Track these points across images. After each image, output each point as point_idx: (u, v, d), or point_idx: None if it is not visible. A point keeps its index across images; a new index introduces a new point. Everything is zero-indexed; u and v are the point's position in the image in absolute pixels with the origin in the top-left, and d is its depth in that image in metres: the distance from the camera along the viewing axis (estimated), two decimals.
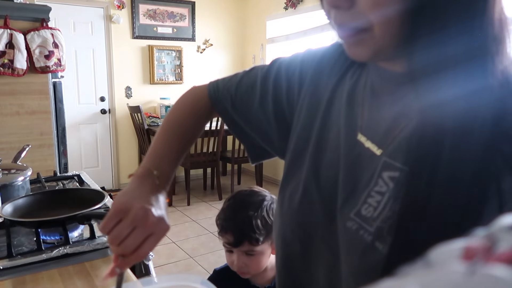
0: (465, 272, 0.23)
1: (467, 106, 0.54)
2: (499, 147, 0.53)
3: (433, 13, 0.55)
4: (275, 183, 6.36)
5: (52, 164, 3.07)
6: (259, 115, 0.96)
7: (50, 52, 2.96)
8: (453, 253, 0.26)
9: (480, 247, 0.25)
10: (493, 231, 0.26)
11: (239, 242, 1.50)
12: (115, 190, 6.17)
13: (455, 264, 0.24)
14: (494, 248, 0.24)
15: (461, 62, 0.55)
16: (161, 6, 6.35)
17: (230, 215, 1.54)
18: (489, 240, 0.25)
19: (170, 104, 6.28)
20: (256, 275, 1.59)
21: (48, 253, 1.33)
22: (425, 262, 0.27)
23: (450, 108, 0.55)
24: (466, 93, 0.54)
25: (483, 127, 0.54)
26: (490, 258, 0.23)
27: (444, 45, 0.55)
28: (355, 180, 0.73)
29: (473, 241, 0.26)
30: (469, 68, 0.55)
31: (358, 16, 0.61)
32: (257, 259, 1.53)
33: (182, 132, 1.02)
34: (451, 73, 0.55)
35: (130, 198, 0.83)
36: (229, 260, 1.57)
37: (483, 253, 0.24)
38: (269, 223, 1.51)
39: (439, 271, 0.25)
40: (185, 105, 1.07)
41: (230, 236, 1.52)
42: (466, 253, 0.25)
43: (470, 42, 0.55)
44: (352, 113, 0.77)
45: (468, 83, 0.54)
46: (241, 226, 1.50)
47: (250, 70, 1.01)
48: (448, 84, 0.55)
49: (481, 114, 0.54)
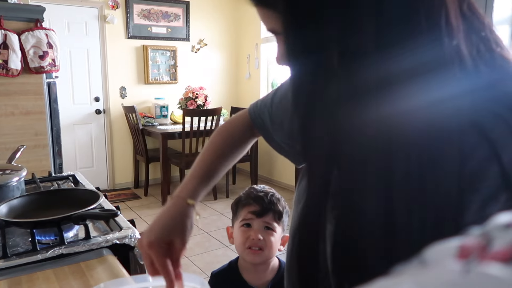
0: (460, 271, 0.23)
1: (436, 113, 0.54)
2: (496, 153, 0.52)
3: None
4: (270, 183, 6.35)
5: (47, 165, 3.07)
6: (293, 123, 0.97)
7: (44, 53, 2.95)
8: (449, 251, 0.26)
9: (475, 245, 0.25)
10: (488, 230, 0.26)
11: (266, 211, 1.58)
12: (110, 190, 6.17)
13: (451, 262, 0.24)
14: (489, 246, 0.25)
15: (421, 73, 0.55)
16: (156, 6, 6.33)
17: (259, 190, 1.64)
18: (484, 239, 0.25)
19: (164, 104, 6.27)
20: (256, 270, 1.61)
21: (44, 253, 1.33)
22: (420, 260, 0.27)
23: (415, 116, 0.55)
24: (431, 102, 0.54)
25: (451, 134, 0.54)
26: (485, 256, 0.24)
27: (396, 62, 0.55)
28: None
29: (468, 240, 0.26)
30: (432, 78, 0.55)
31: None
32: (273, 237, 1.58)
33: (219, 151, 1.06)
34: (410, 84, 0.55)
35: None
36: (243, 237, 1.58)
37: (478, 252, 0.24)
38: (285, 210, 1.63)
39: (434, 269, 0.25)
40: (227, 125, 1.12)
41: (256, 206, 1.58)
42: (461, 252, 0.25)
43: (427, 54, 0.55)
44: None
45: (431, 93, 0.55)
46: (270, 198, 1.60)
47: (284, 82, 1.03)
48: (411, 94, 0.55)
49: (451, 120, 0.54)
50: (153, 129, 5.72)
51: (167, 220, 0.93)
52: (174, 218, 0.93)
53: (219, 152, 1.06)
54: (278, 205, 1.60)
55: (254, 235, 1.55)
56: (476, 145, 0.53)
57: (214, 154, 1.05)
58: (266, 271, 1.62)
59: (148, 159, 5.90)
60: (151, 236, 0.89)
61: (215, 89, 6.94)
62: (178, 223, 0.93)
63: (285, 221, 1.63)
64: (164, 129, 5.68)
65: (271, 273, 1.62)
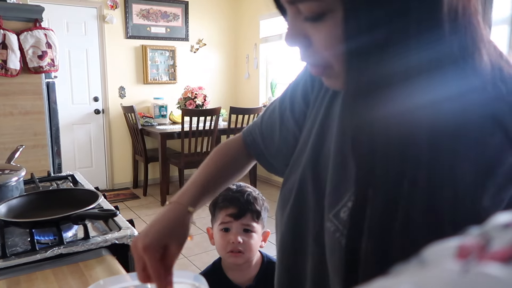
0: (459, 271, 0.23)
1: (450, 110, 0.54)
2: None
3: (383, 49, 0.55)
4: (269, 183, 6.37)
5: (46, 165, 3.06)
6: (283, 133, 0.97)
7: (43, 52, 2.95)
8: (447, 251, 0.26)
9: (474, 245, 0.25)
10: (487, 230, 0.27)
11: (243, 212, 1.58)
12: (109, 190, 6.17)
13: (449, 262, 0.24)
14: (488, 246, 0.25)
15: (424, 72, 0.55)
16: (155, 6, 6.33)
17: (235, 191, 1.63)
18: (483, 239, 0.26)
19: (163, 104, 6.27)
20: (240, 268, 1.63)
21: (42, 253, 1.33)
22: (419, 260, 0.27)
23: (422, 113, 0.55)
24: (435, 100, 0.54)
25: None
26: (484, 256, 0.24)
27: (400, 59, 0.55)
28: (339, 181, 0.73)
29: (467, 240, 0.26)
30: (435, 78, 0.55)
31: (315, 55, 0.62)
32: (253, 238, 1.59)
33: (209, 165, 1.07)
34: (415, 83, 0.55)
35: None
36: (223, 241, 1.60)
37: (477, 252, 0.24)
38: (264, 206, 1.64)
39: (433, 269, 0.25)
40: (220, 146, 1.13)
41: (233, 208, 1.59)
42: (460, 252, 0.25)
43: (430, 54, 0.55)
44: None
45: (436, 91, 0.55)
46: (246, 198, 1.60)
47: (275, 100, 1.04)
48: (414, 92, 0.55)
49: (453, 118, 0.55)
50: (152, 129, 5.71)
51: (165, 224, 0.91)
52: (173, 223, 0.92)
53: (217, 166, 1.06)
54: (255, 204, 1.60)
55: (234, 239, 1.57)
56: (491, 132, 0.54)
57: (211, 168, 1.06)
58: (249, 268, 1.64)
59: (147, 159, 5.90)
60: (146, 240, 0.87)
61: (214, 89, 6.95)
62: (176, 228, 0.92)
63: (264, 218, 1.65)
64: (163, 129, 5.68)
65: (254, 269, 1.65)
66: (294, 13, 0.62)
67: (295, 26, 0.63)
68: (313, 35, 0.61)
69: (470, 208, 0.54)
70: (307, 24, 0.61)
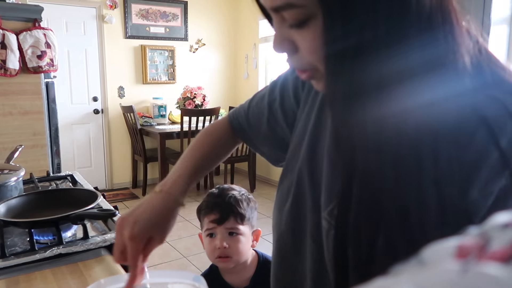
0: (458, 271, 0.23)
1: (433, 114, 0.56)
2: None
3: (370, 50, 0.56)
4: (268, 183, 6.37)
5: (45, 164, 3.06)
6: (271, 124, 0.99)
7: (42, 52, 2.95)
8: (447, 251, 0.26)
9: (473, 245, 0.25)
10: (486, 230, 0.27)
11: (226, 217, 1.57)
12: (108, 190, 6.17)
13: (449, 262, 0.24)
14: (487, 246, 0.25)
15: (415, 75, 0.55)
16: (154, 6, 6.33)
17: (216, 195, 1.62)
18: (482, 239, 0.26)
19: (163, 103, 6.26)
20: (235, 271, 1.63)
21: (42, 253, 1.32)
22: (419, 260, 0.27)
23: (414, 115, 0.56)
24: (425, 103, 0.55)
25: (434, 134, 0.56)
26: (484, 256, 0.24)
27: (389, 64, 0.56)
28: (333, 179, 0.74)
29: (467, 240, 0.26)
30: (426, 80, 0.56)
31: (302, 59, 0.64)
32: (240, 241, 1.58)
33: (198, 150, 1.07)
34: (405, 86, 0.55)
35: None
36: (210, 247, 1.60)
37: (476, 252, 0.24)
38: (249, 206, 1.62)
39: (433, 269, 0.25)
40: (209, 127, 1.14)
41: (216, 213, 1.58)
42: (459, 252, 0.25)
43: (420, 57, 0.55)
44: None
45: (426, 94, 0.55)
46: (228, 201, 1.58)
47: (263, 88, 1.06)
48: (405, 96, 0.55)
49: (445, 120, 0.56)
50: (151, 129, 5.72)
51: (155, 215, 0.91)
52: (162, 214, 0.92)
53: (205, 152, 1.07)
54: (237, 207, 1.58)
55: (219, 244, 1.57)
56: (474, 129, 0.55)
57: (199, 153, 1.06)
58: (244, 269, 1.64)
59: (146, 159, 5.90)
60: (134, 229, 0.87)
61: (213, 89, 6.95)
62: (165, 220, 0.93)
63: (252, 218, 1.63)
64: (162, 129, 5.68)
65: (250, 270, 1.65)
66: (280, 20, 0.63)
67: (281, 33, 0.64)
68: (298, 41, 0.62)
69: (459, 204, 0.55)
70: (292, 31, 0.62)
